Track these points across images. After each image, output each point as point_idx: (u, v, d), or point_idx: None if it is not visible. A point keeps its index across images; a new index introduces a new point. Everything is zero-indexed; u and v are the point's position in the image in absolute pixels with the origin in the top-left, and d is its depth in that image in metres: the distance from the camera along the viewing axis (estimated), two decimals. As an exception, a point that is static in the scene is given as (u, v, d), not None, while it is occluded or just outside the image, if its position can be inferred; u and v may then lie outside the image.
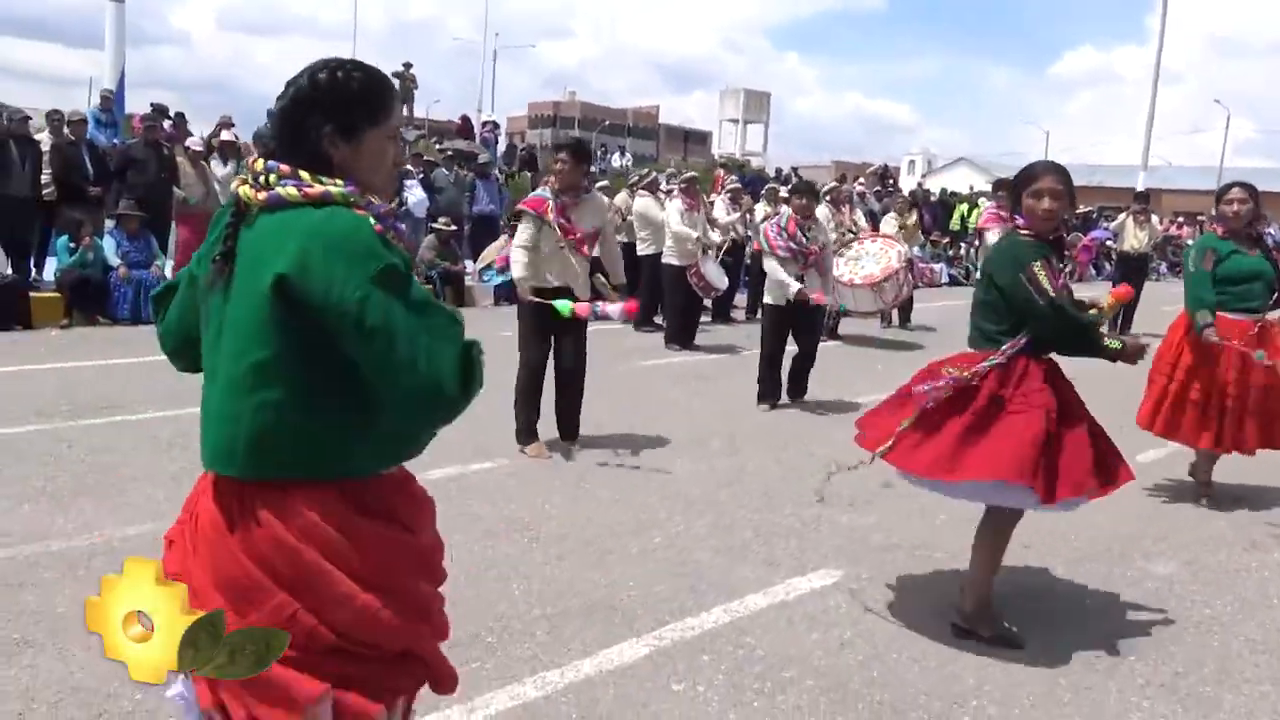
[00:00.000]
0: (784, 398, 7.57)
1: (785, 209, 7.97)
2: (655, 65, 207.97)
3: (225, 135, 12.60)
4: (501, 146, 23.24)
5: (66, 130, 10.34)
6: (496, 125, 23.33)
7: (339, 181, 1.69)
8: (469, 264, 13.01)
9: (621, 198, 12.10)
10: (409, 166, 13.76)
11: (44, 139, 10.31)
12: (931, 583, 4.14)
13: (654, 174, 12.12)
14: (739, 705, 3.07)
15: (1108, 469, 3.51)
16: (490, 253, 12.31)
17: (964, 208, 21.53)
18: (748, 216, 12.18)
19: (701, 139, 60.80)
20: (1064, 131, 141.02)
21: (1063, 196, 3.41)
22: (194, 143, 11.77)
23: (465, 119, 23.63)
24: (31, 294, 9.57)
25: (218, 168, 12.01)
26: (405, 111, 26.23)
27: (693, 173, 11.41)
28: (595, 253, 5.92)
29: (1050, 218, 3.42)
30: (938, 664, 3.40)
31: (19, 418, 6.04)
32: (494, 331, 6.38)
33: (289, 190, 1.65)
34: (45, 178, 10.04)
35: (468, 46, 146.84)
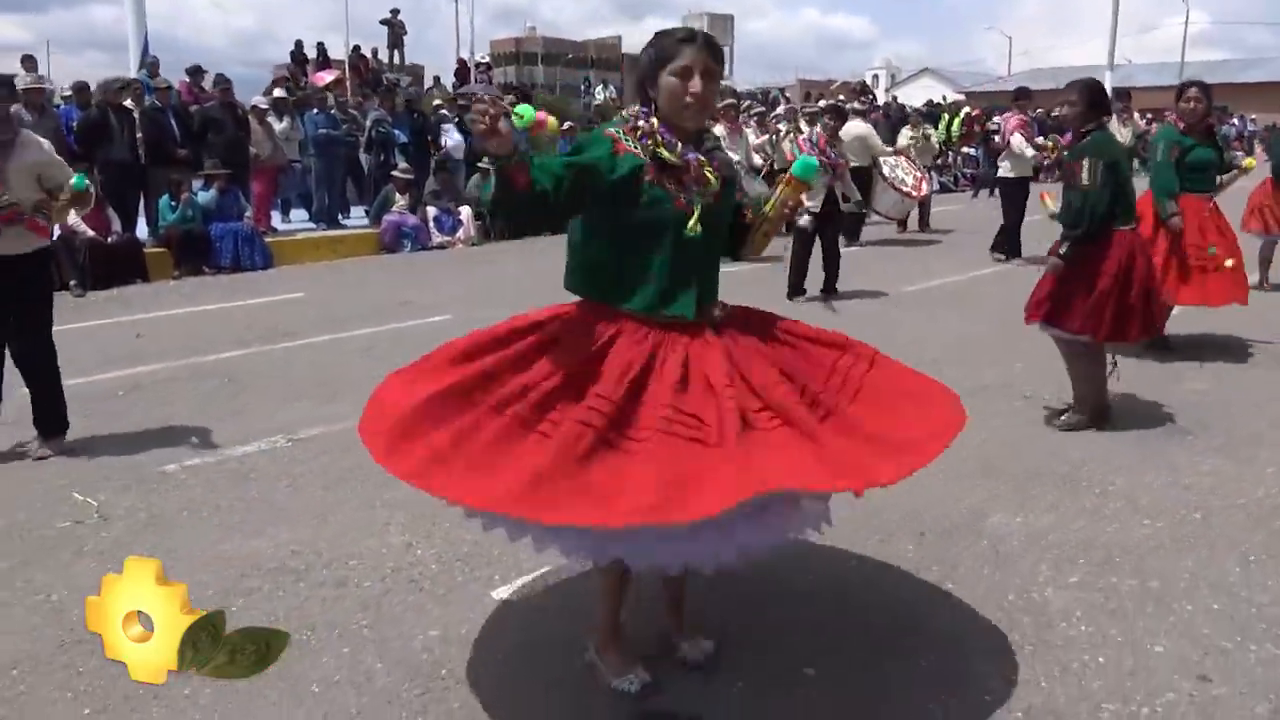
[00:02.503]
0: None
1: (814, 128, 9.23)
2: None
3: (278, 92, 13.41)
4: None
5: (149, 97, 11.18)
6: (490, 67, 23.95)
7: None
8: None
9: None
10: (444, 111, 14.65)
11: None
12: (1030, 412, 5.39)
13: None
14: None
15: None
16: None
17: (947, 117, 22.61)
18: (773, 138, 13.26)
19: (666, 67, 60.57)
20: (1023, 36, 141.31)
21: (1074, 105, 4.82)
22: (259, 101, 12.59)
23: (462, 62, 24.24)
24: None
25: (273, 122, 12.85)
26: (397, 57, 26.76)
27: (730, 100, 12.38)
28: None
29: (1064, 118, 5.11)
30: (1071, 442, 4.69)
31: (223, 346, 7.08)
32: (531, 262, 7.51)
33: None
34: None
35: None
